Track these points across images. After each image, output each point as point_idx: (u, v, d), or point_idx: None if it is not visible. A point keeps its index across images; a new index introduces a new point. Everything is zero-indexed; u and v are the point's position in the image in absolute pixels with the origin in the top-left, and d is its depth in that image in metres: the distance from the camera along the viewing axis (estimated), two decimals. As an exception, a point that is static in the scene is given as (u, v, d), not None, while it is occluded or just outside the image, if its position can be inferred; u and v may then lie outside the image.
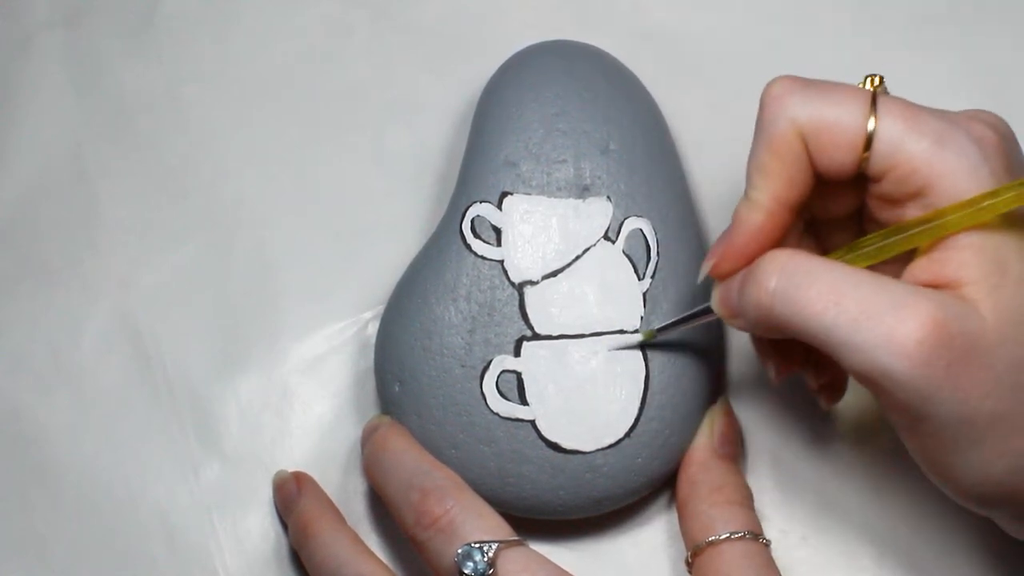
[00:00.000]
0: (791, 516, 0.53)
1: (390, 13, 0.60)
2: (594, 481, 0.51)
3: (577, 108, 0.53)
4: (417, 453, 0.51)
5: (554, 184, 0.53)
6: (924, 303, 0.42)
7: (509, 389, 0.51)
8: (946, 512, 0.53)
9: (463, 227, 0.52)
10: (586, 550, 0.53)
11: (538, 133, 0.53)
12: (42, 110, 0.59)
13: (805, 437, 0.54)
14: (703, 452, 0.52)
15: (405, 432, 0.52)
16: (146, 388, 0.55)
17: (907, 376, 0.42)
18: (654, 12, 0.59)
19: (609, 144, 0.53)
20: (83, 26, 0.60)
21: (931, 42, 0.59)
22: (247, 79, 0.59)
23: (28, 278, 0.57)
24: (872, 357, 0.42)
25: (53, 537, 0.54)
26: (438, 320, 0.52)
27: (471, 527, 0.48)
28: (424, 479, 0.49)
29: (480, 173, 0.53)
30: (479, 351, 0.51)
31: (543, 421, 0.51)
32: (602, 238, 0.52)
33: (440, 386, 0.51)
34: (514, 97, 0.54)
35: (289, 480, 0.53)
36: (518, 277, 0.52)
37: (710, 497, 0.50)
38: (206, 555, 0.54)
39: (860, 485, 0.54)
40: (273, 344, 0.56)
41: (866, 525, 0.53)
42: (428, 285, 0.52)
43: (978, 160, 0.43)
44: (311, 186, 0.57)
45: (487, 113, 0.54)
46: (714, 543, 0.50)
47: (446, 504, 0.48)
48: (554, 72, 0.54)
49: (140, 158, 0.58)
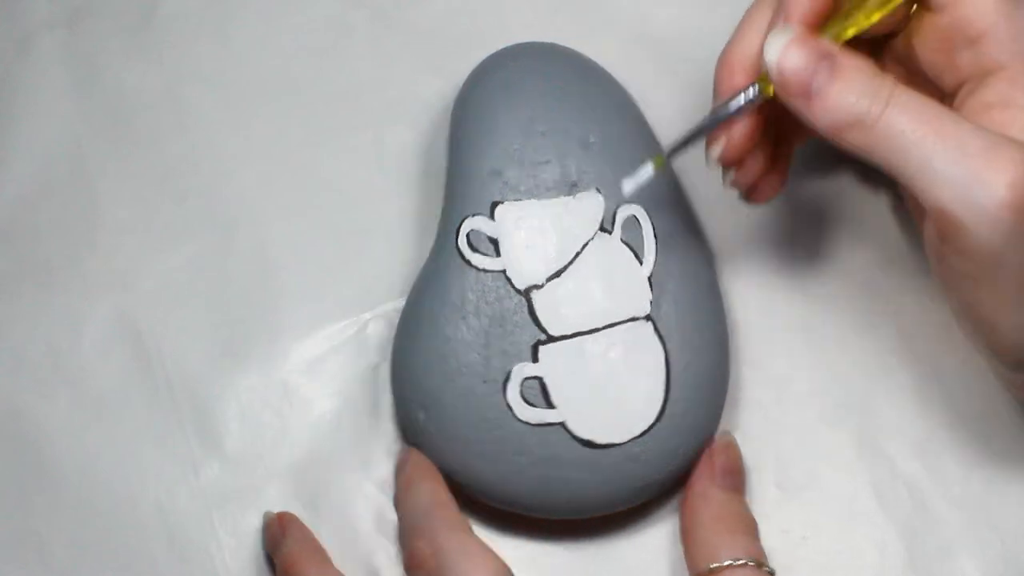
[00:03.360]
0: (791, 516, 0.53)
1: (390, 13, 0.60)
2: (634, 471, 0.51)
3: (552, 107, 0.53)
4: (430, 494, 0.51)
5: (542, 186, 0.53)
6: (1017, 150, 0.42)
7: (534, 395, 0.51)
8: (947, 512, 0.53)
9: (459, 243, 0.52)
10: (586, 551, 0.53)
11: (518, 139, 0.53)
12: (42, 110, 0.59)
13: (805, 436, 0.54)
14: (704, 483, 0.52)
15: (429, 470, 0.52)
16: (146, 388, 0.55)
17: (995, 216, 0.42)
18: (654, 12, 0.59)
19: (589, 137, 0.53)
20: (83, 26, 0.60)
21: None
22: (247, 79, 0.59)
23: (28, 278, 0.57)
24: (965, 193, 0.42)
25: (53, 537, 0.54)
26: (451, 340, 0.51)
27: (454, 566, 0.48)
28: (423, 519, 0.50)
29: (467, 186, 0.53)
30: (497, 363, 0.51)
31: (573, 421, 0.51)
32: (598, 231, 0.52)
33: (465, 406, 0.51)
34: (487, 106, 0.54)
35: (274, 521, 0.53)
36: (523, 283, 0.52)
37: (713, 526, 0.51)
38: (206, 555, 0.54)
39: (860, 485, 0.54)
40: (273, 344, 0.56)
41: (867, 525, 0.53)
42: (435, 307, 0.52)
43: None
44: (311, 186, 0.57)
45: (463, 125, 0.54)
46: (716, 571, 0.49)
47: (435, 545, 0.48)
48: (523, 75, 0.54)
49: (140, 158, 0.58)
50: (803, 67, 0.44)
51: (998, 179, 0.41)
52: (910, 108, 0.43)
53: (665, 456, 0.51)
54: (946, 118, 0.43)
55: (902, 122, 0.43)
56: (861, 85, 0.43)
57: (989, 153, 0.42)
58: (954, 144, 0.42)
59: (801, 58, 0.44)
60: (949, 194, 0.42)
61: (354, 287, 0.56)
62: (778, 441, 0.54)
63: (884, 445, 0.54)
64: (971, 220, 0.42)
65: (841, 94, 0.43)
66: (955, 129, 0.42)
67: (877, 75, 0.44)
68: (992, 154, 0.42)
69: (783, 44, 0.44)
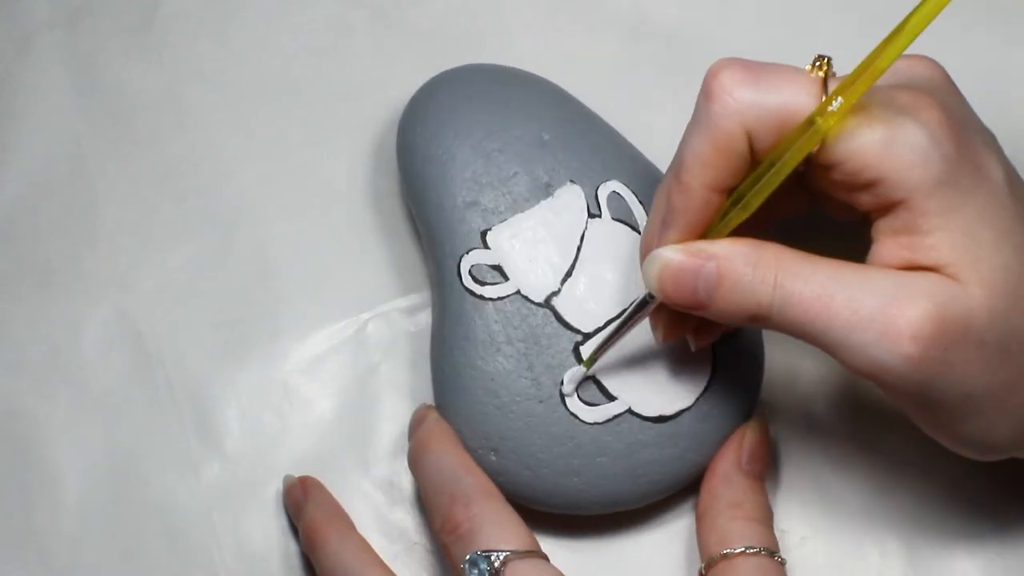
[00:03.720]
0: (791, 516, 0.53)
1: (390, 13, 0.60)
2: (709, 429, 0.51)
3: (495, 122, 0.53)
4: (455, 457, 0.51)
5: (519, 198, 0.53)
6: (914, 296, 0.42)
7: (592, 395, 0.51)
8: (948, 512, 0.53)
9: (465, 283, 0.52)
10: (586, 550, 0.53)
11: (477, 164, 0.53)
12: (42, 110, 0.59)
13: (805, 437, 0.54)
14: (728, 465, 0.51)
15: (447, 432, 0.51)
16: (146, 388, 0.55)
17: (906, 370, 0.43)
18: (654, 12, 0.59)
19: (543, 136, 0.53)
20: (83, 26, 0.60)
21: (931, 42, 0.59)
22: (247, 79, 0.59)
23: (28, 278, 0.57)
24: (869, 357, 0.43)
25: (53, 537, 0.54)
26: (495, 376, 0.51)
27: (487, 535, 0.48)
28: (455, 485, 0.49)
29: (448, 226, 0.53)
30: (546, 380, 0.51)
31: (638, 403, 0.51)
32: (588, 218, 0.53)
33: (532, 431, 0.51)
34: (435, 144, 0.53)
35: (296, 486, 0.53)
36: (540, 296, 0.52)
37: (729, 511, 0.50)
38: (206, 555, 0.54)
39: (861, 485, 0.54)
40: (273, 344, 0.56)
41: (867, 525, 0.53)
42: (466, 350, 0.52)
43: (928, 147, 0.43)
44: (311, 186, 0.57)
45: (418, 170, 0.54)
46: (729, 556, 0.49)
47: (471, 511, 0.48)
48: (455, 104, 0.54)
49: (140, 158, 0.58)
50: (683, 285, 0.45)
51: (899, 338, 0.42)
52: (797, 290, 0.43)
53: (734, 402, 0.52)
54: (835, 287, 0.43)
55: (792, 308, 0.44)
56: (745, 283, 0.44)
57: (886, 311, 0.42)
58: (847, 315, 0.43)
59: (678, 278, 0.45)
60: (858, 360, 0.43)
61: (354, 287, 0.56)
62: (777, 440, 0.54)
63: (884, 443, 0.54)
64: (886, 377, 0.43)
65: (728, 299, 0.44)
66: (846, 298, 0.43)
67: (760, 263, 0.44)
68: (889, 312, 0.42)
69: (657, 271, 0.46)
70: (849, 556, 0.53)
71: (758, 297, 0.44)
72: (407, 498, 0.54)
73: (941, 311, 0.42)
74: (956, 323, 0.42)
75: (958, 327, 0.42)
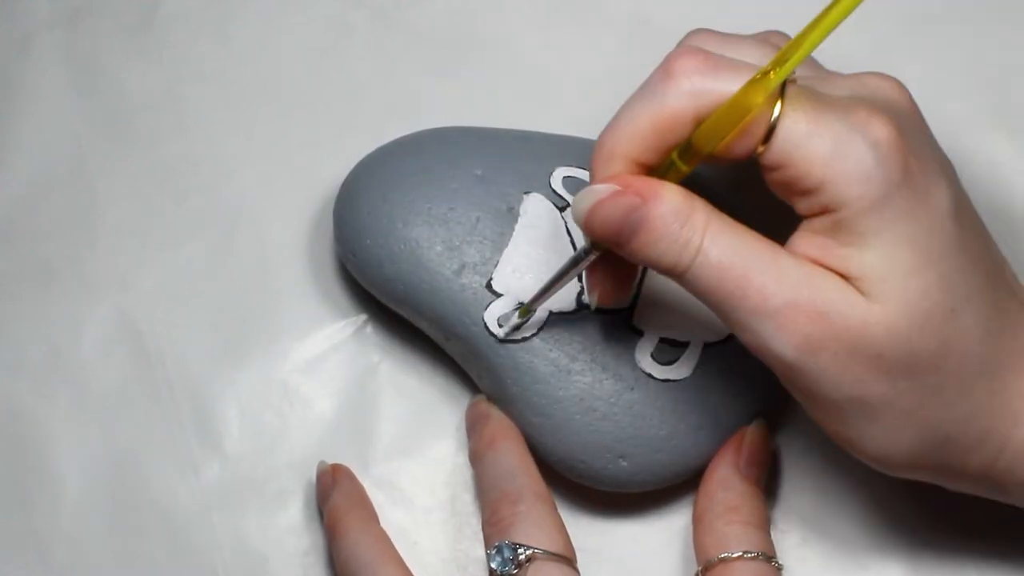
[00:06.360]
0: (791, 516, 0.53)
1: (390, 13, 0.60)
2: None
3: (430, 190, 0.53)
4: (516, 457, 0.51)
5: (495, 236, 0.52)
6: (814, 298, 0.43)
7: (666, 354, 0.52)
8: (947, 513, 0.53)
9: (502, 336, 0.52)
10: (587, 550, 0.53)
11: (439, 231, 0.52)
12: (42, 110, 0.59)
13: (805, 437, 0.54)
14: (726, 469, 0.52)
15: (512, 431, 0.52)
16: (146, 388, 0.55)
17: (795, 362, 0.44)
18: (653, 11, 0.59)
19: (476, 171, 0.53)
20: (83, 26, 0.60)
21: (931, 42, 0.59)
22: (247, 79, 0.59)
23: (28, 278, 0.57)
24: (764, 343, 0.44)
25: (53, 537, 0.54)
26: (582, 395, 0.51)
27: (524, 531, 0.49)
28: (510, 482, 0.50)
29: (454, 303, 0.52)
30: (623, 368, 0.52)
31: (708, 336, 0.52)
32: (561, 215, 0.53)
33: (643, 418, 0.51)
34: (392, 243, 0.52)
35: (327, 472, 0.53)
36: (569, 303, 0.52)
37: (726, 515, 0.50)
38: (206, 555, 0.54)
39: (860, 485, 0.54)
40: (273, 344, 0.56)
41: (866, 526, 0.53)
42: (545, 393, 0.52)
43: (872, 166, 0.43)
44: (311, 186, 0.57)
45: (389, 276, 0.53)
46: (726, 560, 0.49)
47: (516, 508, 0.49)
48: (383, 189, 0.53)
49: (140, 158, 0.58)
50: (609, 223, 0.45)
51: (793, 335, 0.43)
52: (716, 260, 0.44)
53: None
54: (753, 270, 0.44)
55: (707, 278, 0.44)
56: (670, 237, 0.44)
57: (788, 308, 0.43)
58: (757, 301, 0.44)
59: (606, 214, 0.45)
60: (755, 343, 0.44)
61: (354, 287, 0.56)
62: (777, 441, 0.54)
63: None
64: (777, 366, 0.45)
65: (649, 245, 0.45)
66: (759, 284, 0.44)
67: (689, 222, 0.44)
68: (790, 309, 0.43)
69: (590, 204, 0.45)
70: (848, 556, 0.53)
71: (678, 254, 0.44)
72: (407, 498, 0.54)
73: (835, 316, 0.43)
74: (848, 331, 0.43)
75: (850, 335, 0.43)
